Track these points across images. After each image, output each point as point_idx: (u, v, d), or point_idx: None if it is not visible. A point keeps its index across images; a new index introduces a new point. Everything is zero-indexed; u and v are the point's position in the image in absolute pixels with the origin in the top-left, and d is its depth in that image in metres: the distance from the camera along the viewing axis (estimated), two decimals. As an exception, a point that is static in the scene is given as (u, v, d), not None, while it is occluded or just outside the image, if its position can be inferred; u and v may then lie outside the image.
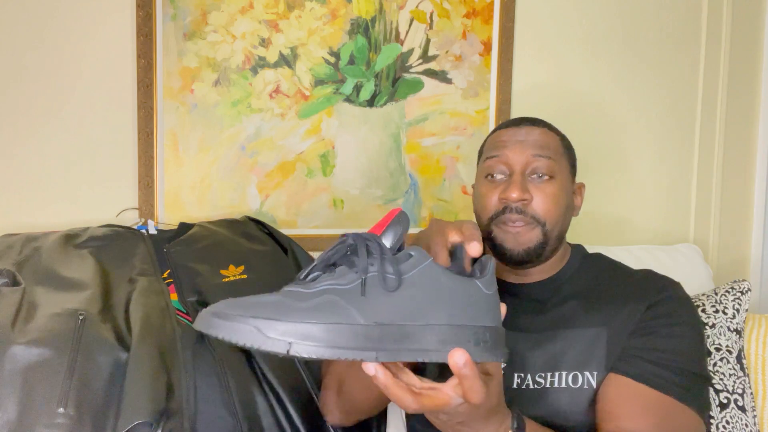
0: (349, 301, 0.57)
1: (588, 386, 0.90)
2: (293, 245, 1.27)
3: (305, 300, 0.56)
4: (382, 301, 0.57)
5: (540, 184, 0.95)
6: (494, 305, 0.64)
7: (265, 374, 1.02)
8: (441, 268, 0.61)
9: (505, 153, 0.96)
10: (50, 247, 1.12)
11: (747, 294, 1.39)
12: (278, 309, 0.54)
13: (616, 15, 1.69)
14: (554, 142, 0.99)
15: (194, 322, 0.57)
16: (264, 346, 0.53)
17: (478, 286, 0.62)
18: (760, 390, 1.35)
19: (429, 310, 0.59)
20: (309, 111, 1.45)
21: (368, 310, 0.57)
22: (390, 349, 0.56)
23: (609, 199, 1.70)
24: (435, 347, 0.58)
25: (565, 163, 0.99)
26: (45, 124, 1.30)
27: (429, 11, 1.51)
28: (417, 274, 0.60)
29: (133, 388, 0.90)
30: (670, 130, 1.77)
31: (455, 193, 1.56)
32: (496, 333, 0.63)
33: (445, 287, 0.60)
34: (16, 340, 0.91)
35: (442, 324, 0.59)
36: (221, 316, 0.54)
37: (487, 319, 0.62)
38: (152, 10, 1.33)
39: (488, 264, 0.66)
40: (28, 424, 0.85)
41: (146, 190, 1.35)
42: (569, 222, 1.01)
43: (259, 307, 0.55)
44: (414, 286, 0.59)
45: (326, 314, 0.55)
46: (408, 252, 0.61)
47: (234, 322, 0.53)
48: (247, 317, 0.53)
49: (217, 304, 0.56)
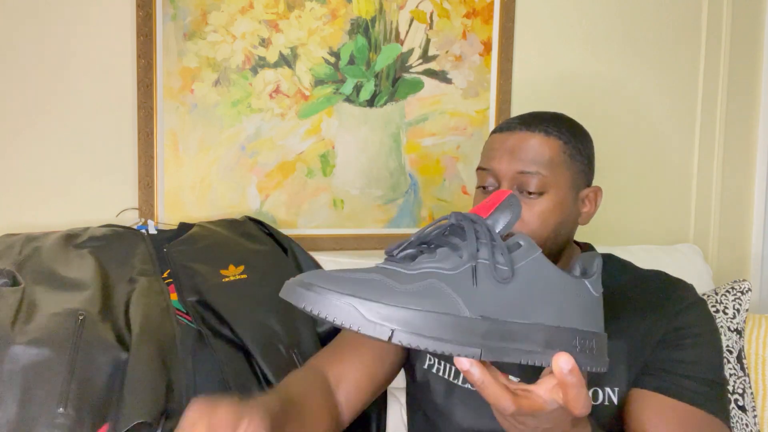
0: (456, 289, 0.52)
1: (609, 402, 0.86)
2: (293, 245, 1.27)
3: (407, 282, 0.52)
4: (490, 293, 0.53)
5: (527, 200, 0.87)
6: (600, 310, 0.59)
7: (264, 374, 1.02)
8: (549, 262, 0.56)
9: (492, 165, 0.90)
10: (50, 247, 1.12)
11: (747, 294, 1.39)
12: (378, 289, 0.50)
13: (616, 15, 1.69)
14: (551, 151, 0.88)
15: (281, 290, 0.53)
16: (364, 329, 0.49)
17: (587, 287, 0.57)
18: (760, 390, 1.35)
19: (537, 308, 0.54)
20: (309, 111, 1.45)
21: (475, 302, 0.52)
22: (494, 348, 0.52)
23: (609, 199, 1.70)
24: (540, 349, 0.53)
25: (564, 173, 0.89)
26: (45, 124, 1.30)
27: (429, 11, 1.51)
28: (526, 266, 0.55)
29: (133, 388, 0.90)
30: (670, 130, 1.77)
31: (455, 193, 1.56)
32: (601, 340, 0.58)
33: (554, 284, 0.55)
34: (16, 340, 0.91)
35: (550, 324, 0.54)
36: (313, 289, 0.50)
37: (594, 324, 0.57)
38: (152, 10, 1.33)
39: (594, 262, 0.61)
40: (28, 424, 0.85)
41: (146, 190, 1.35)
42: (568, 232, 0.92)
43: (356, 284, 0.50)
44: (523, 279, 0.54)
45: (431, 301, 0.51)
46: (517, 240, 0.56)
47: (327, 297, 0.49)
48: (343, 294, 0.49)
49: (308, 274, 0.52)
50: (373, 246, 1.51)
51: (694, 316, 0.89)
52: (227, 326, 1.06)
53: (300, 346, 1.09)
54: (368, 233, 1.51)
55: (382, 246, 1.51)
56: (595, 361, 0.57)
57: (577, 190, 0.92)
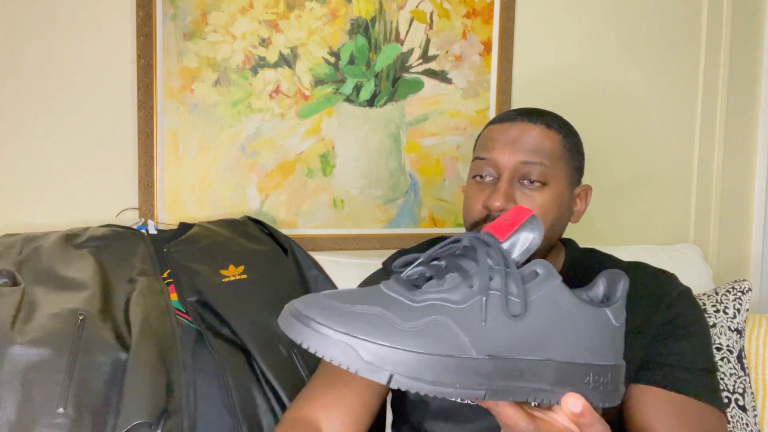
0: (462, 326, 0.48)
1: None
2: (293, 245, 1.27)
3: (410, 318, 0.48)
4: (499, 329, 0.48)
5: (529, 191, 0.86)
6: (621, 339, 0.55)
7: (265, 374, 1.02)
8: (567, 291, 0.52)
9: (493, 155, 0.88)
10: (50, 247, 1.12)
11: (747, 294, 1.39)
12: (377, 327, 0.47)
13: (616, 15, 1.69)
14: (552, 144, 0.88)
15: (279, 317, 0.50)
16: (362, 372, 0.46)
17: (607, 317, 0.53)
18: (760, 389, 1.35)
19: (550, 343, 0.50)
20: (309, 111, 1.45)
21: (483, 340, 0.48)
22: (499, 388, 0.48)
23: (609, 199, 1.70)
24: (548, 387, 0.50)
25: (563, 167, 0.89)
26: (45, 124, 1.30)
27: (429, 11, 1.51)
28: (542, 297, 0.50)
29: (132, 388, 0.90)
30: (670, 130, 1.77)
31: (455, 193, 1.56)
32: (618, 372, 0.54)
33: (570, 316, 0.51)
34: (15, 340, 0.91)
35: (561, 360, 0.50)
36: (311, 325, 0.47)
37: (612, 356, 0.53)
38: (152, 10, 1.33)
39: (619, 285, 0.56)
40: (28, 424, 0.85)
41: (146, 190, 1.35)
42: (562, 229, 0.93)
43: (356, 320, 0.47)
44: (538, 313, 0.50)
45: (434, 342, 0.47)
46: (534, 269, 0.52)
47: (324, 335, 0.46)
48: (340, 332, 0.46)
49: (307, 304, 0.48)
50: (373, 246, 1.50)
51: (683, 306, 0.89)
52: (227, 326, 1.06)
53: (300, 346, 1.08)
54: (368, 233, 1.51)
55: (382, 246, 1.51)
56: (609, 397, 0.54)
57: (573, 187, 0.92)
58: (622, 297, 0.55)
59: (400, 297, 0.49)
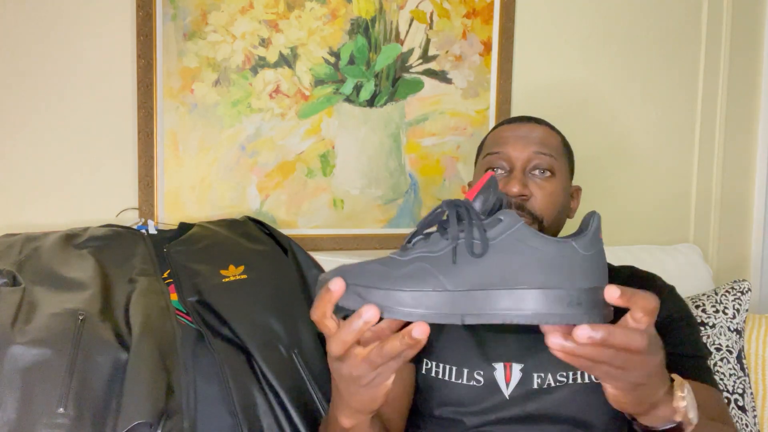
0: (439, 268, 0.59)
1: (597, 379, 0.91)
2: (293, 245, 1.26)
3: (400, 268, 0.60)
4: (469, 267, 0.59)
5: (540, 180, 0.95)
6: (591, 266, 0.62)
7: (265, 374, 1.02)
8: (533, 231, 0.61)
9: (506, 149, 0.97)
10: (50, 247, 1.12)
11: (747, 294, 1.39)
12: (378, 276, 0.59)
13: (616, 15, 1.69)
14: (555, 142, 1.00)
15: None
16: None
17: (573, 247, 0.61)
18: (760, 390, 1.35)
19: (519, 275, 0.59)
20: (309, 111, 1.45)
21: (457, 277, 0.58)
22: (477, 313, 0.58)
23: (609, 199, 1.70)
24: (530, 312, 0.58)
25: (564, 163, 1.00)
26: (45, 124, 1.30)
27: (429, 11, 1.51)
28: (507, 238, 0.60)
29: (133, 388, 0.90)
30: (670, 130, 1.77)
31: (455, 193, 1.56)
32: (593, 293, 0.61)
33: (536, 251, 0.60)
34: (16, 340, 0.91)
35: (532, 288, 0.58)
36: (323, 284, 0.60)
37: (586, 281, 0.60)
38: (152, 10, 1.33)
39: (590, 222, 0.65)
40: (28, 424, 0.85)
41: (146, 190, 1.35)
42: (564, 223, 1.01)
43: (363, 274, 0.59)
44: (504, 250, 0.59)
45: (418, 282, 0.58)
46: (498, 216, 0.62)
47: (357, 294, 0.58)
48: (351, 284, 0.59)
49: (334, 270, 0.61)
50: (373, 246, 1.51)
51: (676, 301, 0.97)
52: (227, 326, 1.06)
53: (300, 346, 1.09)
54: (368, 233, 1.51)
55: (382, 246, 1.51)
56: (590, 314, 0.59)
57: (569, 184, 1.03)
58: (592, 229, 0.63)
59: (394, 256, 0.62)
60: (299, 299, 1.16)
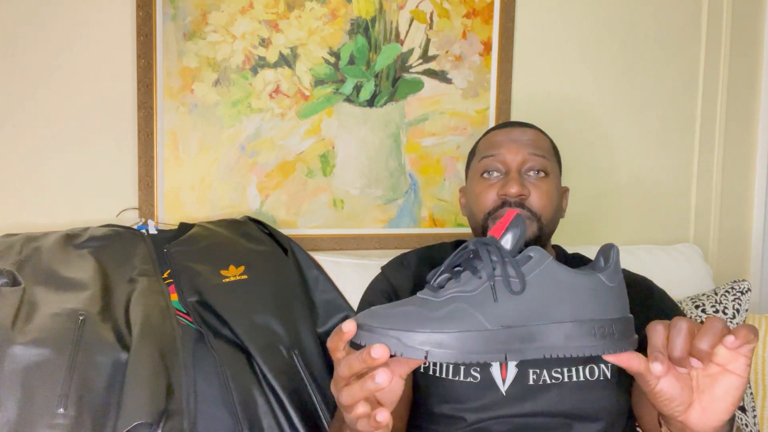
0: (476, 307, 0.61)
1: (604, 378, 0.92)
2: (293, 245, 1.27)
3: (436, 309, 0.61)
4: (507, 305, 0.61)
5: (536, 180, 0.98)
6: (618, 296, 0.65)
7: (265, 375, 1.02)
8: (561, 266, 0.63)
9: (501, 152, 0.99)
10: (50, 247, 1.12)
11: (747, 294, 1.39)
12: (414, 320, 0.60)
13: (616, 15, 1.69)
14: (546, 144, 1.03)
15: None
16: (405, 354, 0.59)
17: (600, 280, 0.64)
18: (760, 390, 1.35)
19: (553, 309, 0.61)
20: (309, 111, 1.45)
21: (495, 315, 0.60)
22: (516, 349, 0.60)
23: (609, 200, 1.70)
24: (561, 344, 0.61)
25: (555, 164, 1.04)
26: (45, 124, 1.30)
27: (429, 11, 1.51)
28: (539, 274, 0.62)
29: (133, 388, 0.90)
30: (670, 130, 1.77)
31: (455, 193, 1.56)
32: (622, 323, 0.64)
33: (566, 284, 0.62)
34: (16, 340, 0.91)
35: (566, 321, 0.61)
36: (366, 328, 0.60)
37: (614, 311, 0.64)
38: (152, 10, 1.33)
39: (609, 253, 0.67)
40: (28, 424, 0.85)
41: (146, 190, 1.35)
42: (558, 221, 1.03)
43: (397, 318, 0.60)
44: (536, 286, 0.62)
45: (456, 323, 0.60)
46: (528, 253, 0.64)
47: (377, 334, 0.59)
48: (387, 329, 0.59)
49: (359, 316, 0.62)
50: (373, 246, 1.51)
51: (668, 301, 1.01)
52: (227, 327, 1.06)
53: (300, 346, 1.09)
54: (368, 233, 1.51)
55: (382, 246, 1.51)
56: (618, 344, 0.63)
57: (560, 184, 1.05)
58: (613, 262, 0.66)
59: (426, 297, 0.63)
60: (299, 299, 1.16)
